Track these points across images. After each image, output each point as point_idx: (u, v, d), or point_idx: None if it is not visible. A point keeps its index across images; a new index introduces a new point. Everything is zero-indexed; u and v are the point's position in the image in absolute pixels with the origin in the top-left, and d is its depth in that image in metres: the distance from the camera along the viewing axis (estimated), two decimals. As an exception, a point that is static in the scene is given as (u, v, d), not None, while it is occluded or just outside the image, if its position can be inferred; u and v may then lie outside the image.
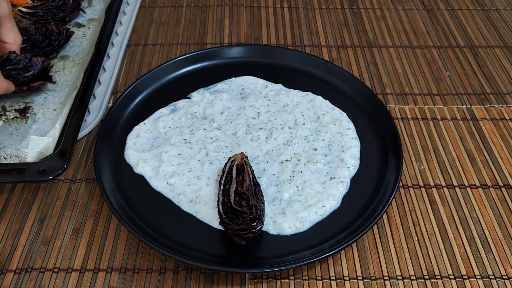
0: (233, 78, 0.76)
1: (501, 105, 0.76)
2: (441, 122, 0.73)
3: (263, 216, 0.57)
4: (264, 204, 0.59)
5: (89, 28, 0.81)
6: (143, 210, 0.60)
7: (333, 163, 0.64)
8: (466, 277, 0.56)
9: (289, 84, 0.75)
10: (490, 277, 0.56)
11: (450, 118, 0.74)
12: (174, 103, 0.72)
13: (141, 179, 0.63)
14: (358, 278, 0.56)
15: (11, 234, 0.59)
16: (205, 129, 0.69)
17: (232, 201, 0.55)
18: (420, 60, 0.84)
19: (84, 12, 0.83)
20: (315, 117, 0.71)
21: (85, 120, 0.71)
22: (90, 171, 0.66)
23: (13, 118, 0.67)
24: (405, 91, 0.78)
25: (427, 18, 0.93)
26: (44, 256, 0.57)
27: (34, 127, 0.66)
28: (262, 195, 0.60)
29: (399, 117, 0.74)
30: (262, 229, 0.57)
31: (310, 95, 0.73)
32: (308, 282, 0.55)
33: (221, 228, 0.56)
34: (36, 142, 0.64)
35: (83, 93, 0.70)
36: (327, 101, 0.72)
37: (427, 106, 0.76)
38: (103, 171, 0.62)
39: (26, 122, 0.66)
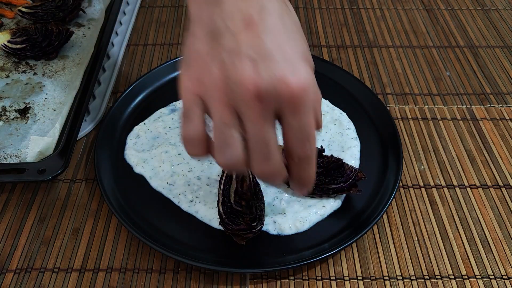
0: (233, 78, 0.76)
1: (501, 105, 0.76)
2: (441, 122, 0.73)
3: (263, 216, 0.57)
4: (264, 204, 0.59)
5: (89, 28, 0.81)
6: (143, 210, 0.60)
7: (333, 163, 0.64)
8: (466, 277, 0.56)
9: (289, 84, 0.75)
10: (490, 277, 0.56)
11: (450, 118, 0.74)
12: (174, 103, 0.72)
13: (141, 179, 0.63)
14: (358, 278, 0.56)
15: (11, 234, 0.59)
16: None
17: (232, 201, 0.55)
18: (420, 60, 0.84)
19: (84, 12, 0.83)
20: (315, 117, 0.71)
21: (85, 120, 0.71)
22: (90, 171, 0.66)
23: (13, 118, 0.67)
24: (405, 91, 0.78)
25: (427, 18, 0.93)
26: (44, 256, 0.57)
27: (34, 127, 0.66)
28: (262, 195, 0.59)
29: (399, 117, 0.74)
30: (262, 229, 0.57)
31: (310, 95, 0.73)
32: (308, 282, 0.55)
33: (221, 228, 0.56)
34: (36, 142, 0.64)
35: (83, 93, 0.70)
36: (327, 101, 0.72)
37: (427, 106, 0.76)
38: (103, 171, 0.62)
39: (26, 123, 0.66)
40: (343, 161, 0.59)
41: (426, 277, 0.56)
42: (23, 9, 0.79)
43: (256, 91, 0.41)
